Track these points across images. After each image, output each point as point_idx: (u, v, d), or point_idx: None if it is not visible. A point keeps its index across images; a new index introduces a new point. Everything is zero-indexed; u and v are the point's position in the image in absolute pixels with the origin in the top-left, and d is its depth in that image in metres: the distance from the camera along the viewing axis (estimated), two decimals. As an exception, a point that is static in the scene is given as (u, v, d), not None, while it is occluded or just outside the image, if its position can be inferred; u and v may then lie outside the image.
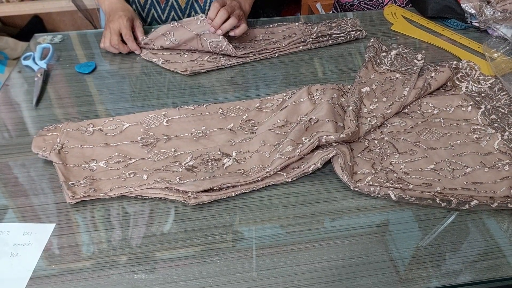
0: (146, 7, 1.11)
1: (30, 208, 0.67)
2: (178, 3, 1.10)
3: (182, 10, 1.11)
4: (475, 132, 0.77)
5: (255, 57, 0.99)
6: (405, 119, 0.80)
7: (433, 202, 0.65)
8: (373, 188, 0.66)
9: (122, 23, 0.97)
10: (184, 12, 1.12)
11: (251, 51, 0.99)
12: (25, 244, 0.62)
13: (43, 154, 0.73)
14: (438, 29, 1.12)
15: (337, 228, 0.63)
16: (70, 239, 0.62)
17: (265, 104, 0.84)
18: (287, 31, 1.08)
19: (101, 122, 0.79)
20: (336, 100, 0.81)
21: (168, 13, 1.12)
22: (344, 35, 1.05)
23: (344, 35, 1.05)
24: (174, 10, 1.11)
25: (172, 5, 1.10)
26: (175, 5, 1.10)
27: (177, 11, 1.11)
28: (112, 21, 0.98)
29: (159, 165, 0.72)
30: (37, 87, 0.90)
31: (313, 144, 0.71)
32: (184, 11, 1.12)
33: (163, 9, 1.11)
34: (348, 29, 1.07)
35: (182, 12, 1.12)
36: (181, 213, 0.66)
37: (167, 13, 1.12)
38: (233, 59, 0.98)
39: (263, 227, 0.64)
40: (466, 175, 0.70)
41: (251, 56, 0.99)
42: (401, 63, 0.96)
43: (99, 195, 0.67)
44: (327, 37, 1.05)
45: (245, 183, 0.68)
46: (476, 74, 0.90)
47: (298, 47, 1.03)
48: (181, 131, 0.78)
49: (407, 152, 0.74)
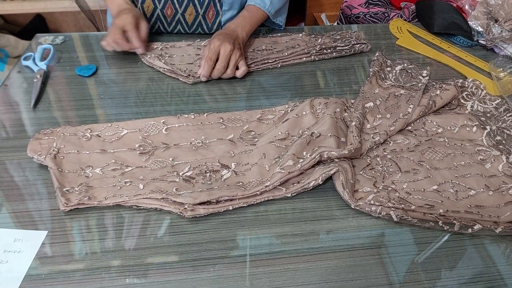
0: (152, 20, 1.09)
1: (22, 214, 0.65)
2: (185, 20, 1.09)
3: (188, 26, 1.10)
4: (479, 153, 0.76)
5: (257, 67, 0.98)
6: (409, 137, 0.78)
7: (436, 224, 0.64)
8: (374, 207, 0.65)
9: (127, 19, 0.95)
10: (190, 28, 1.11)
11: (253, 62, 0.98)
12: (15, 251, 0.60)
13: (39, 158, 0.71)
14: (444, 46, 1.11)
15: (337, 248, 0.62)
16: (62, 248, 0.60)
17: (267, 116, 0.83)
18: (290, 42, 1.07)
19: (99, 128, 0.77)
20: (339, 115, 0.80)
21: (174, 27, 1.11)
22: (348, 48, 1.04)
23: (349, 48, 1.04)
24: (181, 25, 1.10)
25: (179, 21, 1.09)
26: (182, 22, 1.09)
27: (184, 27, 1.10)
28: (118, 17, 0.97)
29: (156, 174, 0.70)
30: (36, 88, 0.89)
31: (314, 159, 0.69)
32: (190, 27, 1.11)
33: (169, 23, 1.10)
34: (353, 42, 1.05)
35: (189, 28, 1.11)
36: (177, 226, 0.64)
37: (173, 27, 1.10)
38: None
39: (260, 243, 0.62)
40: (469, 197, 0.68)
41: (253, 66, 0.98)
42: (405, 79, 0.95)
43: (93, 203, 0.65)
44: (331, 49, 1.04)
45: (243, 196, 0.67)
46: (482, 94, 0.89)
47: (301, 58, 1.02)
48: (180, 140, 0.77)
49: (410, 171, 0.72)
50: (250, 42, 1.06)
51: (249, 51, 1.03)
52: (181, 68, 0.96)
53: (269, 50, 1.03)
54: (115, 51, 0.98)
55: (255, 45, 1.05)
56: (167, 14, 1.07)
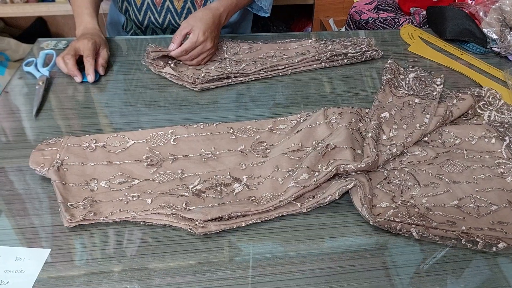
0: (142, 9, 1.09)
1: (24, 230, 0.62)
2: (174, 7, 1.08)
3: (178, 14, 1.09)
4: (499, 166, 0.73)
5: (267, 74, 0.95)
6: (426, 148, 0.76)
7: (458, 242, 0.61)
8: (394, 224, 0.62)
9: (86, 45, 0.91)
10: (180, 15, 1.10)
11: (262, 68, 0.95)
12: (16, 271, 0.57)
13: (41, 171, 0.68)
14: (456, 53, 1.08)
15: (355, 268, 0.58)
16: (66, 267, 0.57)
17: (278, 126, 0.80)
18: (300, 48, 1.04)
19: (104, 138, 0.74)
20: (354, 125, 0.77)
21: (164, 17, 1.10)
22: (359, 55, 1.01)
23: (360, 54, 1.01)
24: (170, 13, 1.09)
25: (168, 8, 1.08)
26: (171, 9, 1.08)
27: (173, 14, 1.09)
28: (77, 40, 0.93)
29: (165, 188, 0.67)
30: (38, 95, 0.86)
31: (330, 173, 0.66)
32: (180, 14, 1.10)
33: (159, 12, 1.09)
34: (364, 48, 1.02)
35: (179, 16, 1.10)
36: (187, 243, 0.61)
37: (163, 16, 1.10)
38: (244, 76, 0.94)
39: (275, 263, 0.59)
40: (492, 213, 0.65)
41: (262, 73, 0.95)
42: (419, 87, 0.92)
43: (99, 219, 0.62)
44: (342, 56, 1.01)
45: (256, 212, 0.63)
46: (500, 104, 0.86)
47: (311, 65, 0.99)
48: (189, 151, 0.74)
49: (429, 185, 0.69)
50: (259, 48, 1.03)
51: (258, 57, 1.00)
52: (188, 74, 0.93)
53: (278, 56, 1.00)
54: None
55: (264, 51, 1.02)
56: (156, 2, 1.06)
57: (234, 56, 1.00)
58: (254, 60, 0.98)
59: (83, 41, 0.91)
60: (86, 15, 1.00)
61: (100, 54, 0.94)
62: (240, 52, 1.02)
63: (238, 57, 1.00)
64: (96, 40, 0.93)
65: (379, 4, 1.34)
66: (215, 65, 0.97)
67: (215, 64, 0.97)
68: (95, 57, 0.92)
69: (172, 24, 1.13)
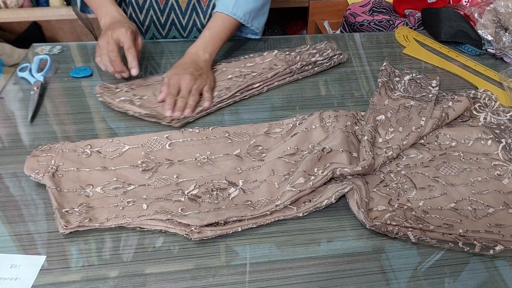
0: (144, 7, 1.04)
1: (19, 237, 0.62)
2: (178, 4, 1.04)
3: (182, 12, 1.05)
4: (496, 168, 0.73)
5: (244, 95, 0.90)
6: (422, 151, 0.75)
7: (455, 245, 0.61)
8: (391, 227, 0.62)
9: (125, 33, 0.86)
10: (184, 14, 1.06)
11: (237, 90, 0.88)
12: (12, 279, 0.56)
13: (36, 177, 0.67)
14: (452, 54, 1.08)
15: (352, 272, 0.58)
16: (62, 274, 0.57)
17: (274, 129, 0.80)
18: (266, 62, 1.00)
19: (100, 143, 0.74)
20: (350, 128, 0.77)
21: (167, 15, 1.05)
22: (327, 61, 0.99)
23: (327, 60, 0.99)
24: (174, 12, 1.05)
25: (172, 6, 1.04)
26: (176, 6, 1.04)
27: (177, 13, 1.05)
28: (112, 29, 0.87)
29: (160, 193, 0.67)
30: (33, 101, 0.85)
31: (326, 176, 0.66)
32: (184, 13, 1.05)
33: (163, 10, 1.04)
34: (330, 54, 1.00)
35: (183, 14, 1.06)
36: (183, 249, 0.60)
37: (166, 14, 1.05)
38: (222, 102, 0.87)
39: (271, 267, 0.59)
40: (489, 216, 0.65)
41: (238, 95, 0.89)
42: (415, 89, 0.92)
43: (94, 225, 0.62)
44: (311, 65, 0.98)
45: (252, 217, 0.63)
46: (495, 105, 0.86)
47: (284, 78, 0.95)
48: (185, 156, 0.73)
49: (425, 188, 0.69)
50: (224, 69, 0.97)
51: (225, 79, 0.94)
52: (159, 111, 0.83)
53: (248, 75, 0.95)
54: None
55: (230, 72, 0.96)
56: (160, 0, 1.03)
57: None
58: (226, 85, 0.92)
59: (120, 30, 0.86)
60: (110, 4, 0.94)
61: (136, 45, 0.90)
62: None
63: None
64: (132, 28, 0.89)
65: (374, 6, 1.34)
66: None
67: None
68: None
69: (175, 23, 1.09)
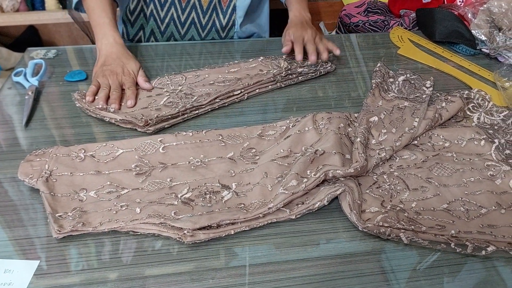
0: (166, 5, 1.07)
1: (12, 242, 0.62)
2: (200, 3, 1.07)
3: (203, 11, 1.08)
4: (489, 168, 0.73)
5: (223, 102, 0.88)
6: (415, 152, 0.76)
7: (448, 246, 0.61)
8: (383, 229, 0.62)
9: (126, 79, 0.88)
10: (205, 13, 1.09)
11: (217, 96, 0.86)
12: (5, 284, 0.56)
13: (30, 182, 0.68)
14: (446, 55, 1.08)
15: (345, 274, 0.58)
16: (55, 279, 0.57)
17: (267, 132, 0.80)
18: (251, 69, 0.98)
19: (93, 147, 0.74)
20: (343, 130, 0.77)
21: (188, 14, 1.08)
22: (313, 71, 0.98)
23: (313, 71, 0.98)
24: (195, 10, 1.08)
25: (194, 5, 1.07)
26: (197, 5, 1.07)
27: (198, 12, 1.08)
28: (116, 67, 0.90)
29: (154, 197, 0.67)
30: (28, 106, 0.85)
31: (319, 178, 0.66)
32: (205, 12, 1.09)
33: (184, 9, 1.07)
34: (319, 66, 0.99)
35: (203, 14, 1.09)
36: (177, 252, 0.61)
37: (187, 13, 1.08)
38: (199, 108, 0.85)
39: (264, 270, 0.59)
40: (481, 216, 0.65)
41: (218, 101, 0.87)
42: (409, 90, 0.92)
43: (88, 229, 0.62)
44: (296, 74, 0.96)
45: (245, 220, 0.63)
46: (489, 106, 0.86)
47: (267, 86, 0.93)
48: (178, 159, 0.74)
49: (418, 189, 0.69)
50: (206, 76, 0.95)
51: (207, 84, 0.92)
52: (136, 116, 0.80)
53: (231, 80, 0.93)
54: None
55: (212, 78, 0.94)
56: None
57: (182, 87, 0.91)
58: (207, 91, 0.90)
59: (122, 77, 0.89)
60: (108, 25, 0.95)
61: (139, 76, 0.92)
62: (186, 82, 0.93)
63: (186, 87, 0.91)
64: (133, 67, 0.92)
65: (369, 7, 1.34)
66: (163, 100, 0.87)
67: (163, 99, 0.87)
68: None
69: (194, 23, 1.11)
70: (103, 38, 0.94)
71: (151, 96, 0.89)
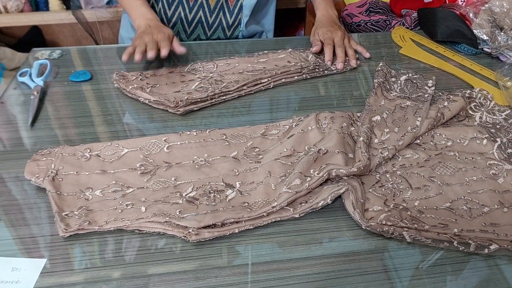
0: (173, 4, 1.09)
1: (20, 240, 0.62)
2: (208, 3, 1.09)
3: (210, 10, 1.10)
4: (491, 167, 0.74)
5: (250, 89, 0.92)
6: (418, 151, 0.76)
7: (450, 245, 0.62)
8: (386, 227, 0.62)
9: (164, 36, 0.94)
10: (212, 12, 1.11)
11: (244, 83, 0.91)
12: (13, 282, 0.57)
13: (36, 181, 0.68)
14: (448, 54, 1.09)
15: (348, 272, 0.59)
16: (62, 277, 0.58)
17: (271, 131, 0.80)
18: (280, 58, 1.02)
19: (99, 147, 0.75)
20: (346, 130, 0.77)
21: (196, 13, 1.10)
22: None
23: None
24: (203, 9, 1.10)
25: (201, 4, 1.09)
26: (205, 5, 1.09)
27: (205, 11, 1.10)
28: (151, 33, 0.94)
29: (159, 196, 0.68)
30: (33, 106, 0.86)
31: (322, 177, 0.67)
32: (212, 11, 1.11)
33: (191, 7, 1.09)
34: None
35: (211, 13, 1.11)
36: (181, 251, 0.61)
37: (194, 12, 1.10)
38: (227, 94, 0.90)
39: (268, 268, 0.59)
40: (484, 215, 0.66)
41: (245, 89, 0.92)
42: (411, 90, 0.93)
43: (94, 228, 0.63)
44: (323, 68, 1.00)
45: (249, 218, 0.64)
46: (491, 105, 0.87)
47: (293, 76, 0.97)
48: (183, 159, 0.74)
49: (421, 188, 0.70)
50: (236, 64, 1.00)
51: (237, 73, 0.97)
52: (169, 98, 0.86)
53: (259, 70, 0.98)
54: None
55: (242, 67, 0.99)
56: None
57: (213, 74, 0.96)
58: (235, 78, 0.95)
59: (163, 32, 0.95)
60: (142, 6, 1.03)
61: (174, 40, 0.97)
62: (217, 70, 0.98)
63: (217, 75, 0.96)
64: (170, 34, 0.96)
65: (371, 6, 1.34)
66: (194, 84, 0.92)
67: (194, 84, 0.92)
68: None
69: (201, 22, 1.13)
70: (139, 18, 1.01)
71: (184, 81, 0.94)
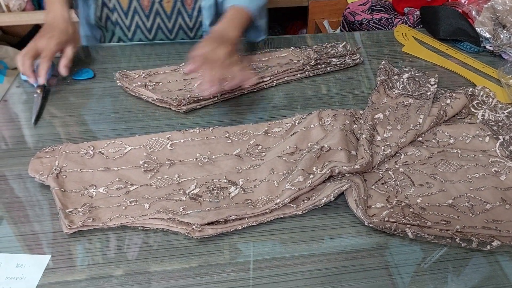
0: (129, 14, 1.06)
1: (24, 237, 0.63)
2: (163, 9, 1.06)
3: (168, 16, 1.07)
4: (493, 164, 0.74)
5: (252, 88, 0.92)
6: (420, 148, 0.76)
7: (453, 241, 0.62)
8: (389, 224, 0.63)
9: (47, 44, 0.86)
10: (170, 17, 1.08)
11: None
12: (18, 278, 0.57)
13: (40, 178, 0.69)
14: (450, 52, 1.09)
15: (351, 269, 0.59)
16: (67, 273, 0.58)
17: (274, 129, 0.81)
18: (281, 58, 1.01)
19: (102, 145, 0.75)
20: (349, 127, 0.78)
21: (153, 20, 1.08)
22: (341, 63, 1.00)
23: (342, 62, 1.00)
24: (160, 16, 1.07)
25: (157, 11, 1.06)
26: (161, 11, 1.06)
27: (163, 17, 1.08)
28: (40, 38, 0.88)
29: (162, 193, 0.68)
30: (37, 104, 0.86)
31: (325, 174, 0.67)
32: (170, 16, 1.08)
33: (147, 15, 1.07)
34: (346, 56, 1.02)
35: (168, 18, 1.08)
36: (185, 247, 0.62)
37: (152, 19, 1.07)
38: (230, 92, 0.89)
39: (271, 265, 0.60)
40: (486, 212, 0.66)
41: (247, 87, 0.89)
42: (413, 87, 0.93)
43: (98, 224, 0.63)
44: (325, 65, 1.00)
45: (252, 215, 0.64)
46: (493, 102, 0.87)
47: (295, 74, 0.97)
48: (186, 156, 0.75)
49: (423, 185, 0.70)
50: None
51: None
52: (172, 96, 0.86)
53: (261, 68, 0.97)
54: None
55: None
56: (144, 5, 1.04)
57: None
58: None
59: (44, 41, 0.87)
60: (58, 3, 0.95)
61: (65, 53, 0.90)
62: None
63: None
64: (61, 39, 0.89)
65: (373, 5, 1.35)
66: (197, 83, 0.91)
67: (197, 82, 0.91)
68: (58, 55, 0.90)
69: (161, 27, 1.10)
70: (49, 14, 0.95)
71: (186, 79, 0.93)
